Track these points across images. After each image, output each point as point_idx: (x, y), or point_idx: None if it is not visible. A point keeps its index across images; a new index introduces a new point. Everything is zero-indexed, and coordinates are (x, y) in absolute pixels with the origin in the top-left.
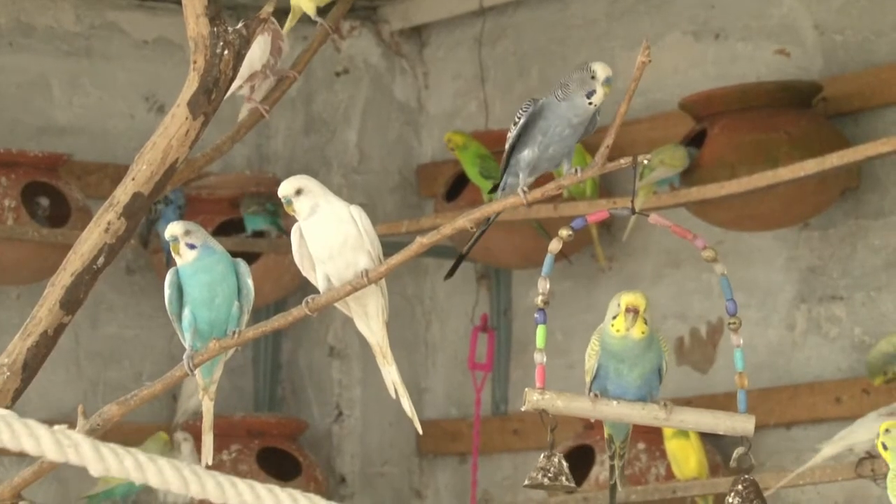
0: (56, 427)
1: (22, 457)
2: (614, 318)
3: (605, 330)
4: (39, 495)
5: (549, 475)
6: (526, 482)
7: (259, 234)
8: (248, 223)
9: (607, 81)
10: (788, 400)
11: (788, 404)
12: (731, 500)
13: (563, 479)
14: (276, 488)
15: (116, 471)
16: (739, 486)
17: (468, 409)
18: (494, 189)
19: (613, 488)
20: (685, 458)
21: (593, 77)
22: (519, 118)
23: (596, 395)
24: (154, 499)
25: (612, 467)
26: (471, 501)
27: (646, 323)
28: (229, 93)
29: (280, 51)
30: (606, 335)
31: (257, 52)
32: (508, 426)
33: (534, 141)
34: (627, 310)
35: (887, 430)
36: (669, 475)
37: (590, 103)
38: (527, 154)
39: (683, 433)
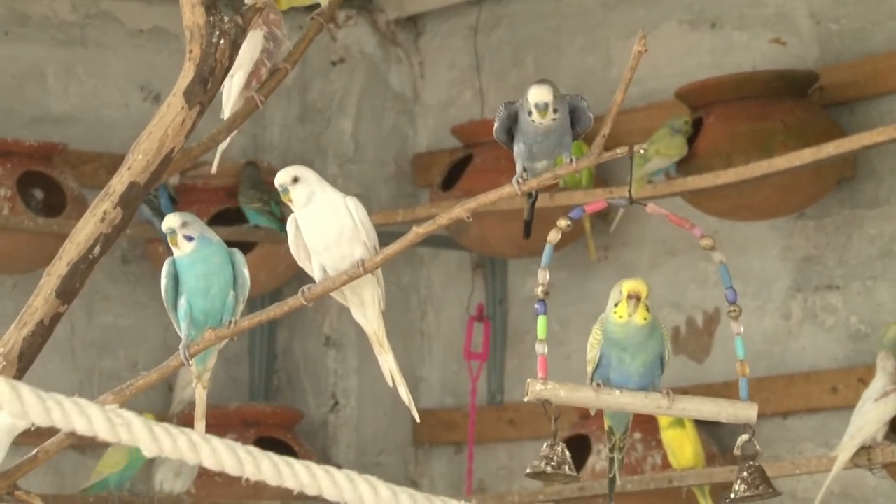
0: (107, 406)
1: (16, 446)
2: (616, 305)
3: (607, 318)
4: (35, 486)
5: (552, 464)
6: (528, 471)
7: (257, 224)
8: (251, 218)
9: (536, 107)
10: (784, 389)
11: (784, 394)
12: (737, 487)
13: (566, 468)
14: (333, 469)
15: (170, 451)
16: (745, 473)
17: (464, 398)
18: None
19: (612, 481)
20: (681, 447)
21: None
22: (496, 121)
23: (598, 385)
24: (149, 487)
25: (611, 460)
26: (466, 491)
27: (647, 309)
28: (238, 88)
29: (277, 32)
30: (609, 323)
31: (248, 45)
32: (504, 416)
33: (520, 137)
34: (629, 296)
35: None
36: (665, 465)
37: (532, 121)
38: (521, 147)
39: (679, 423)
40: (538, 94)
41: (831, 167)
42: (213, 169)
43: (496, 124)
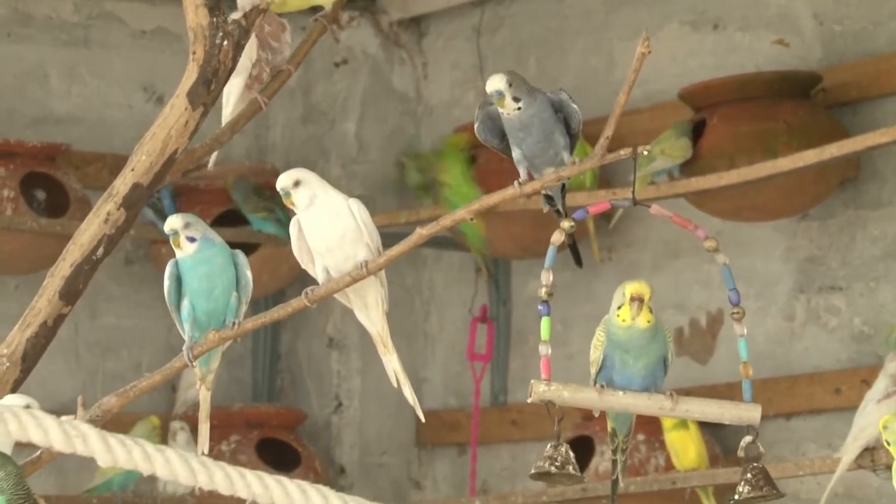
0: (64, 418)
1: (20, 447)
2: (619, 307)
3: (610, 320)
4: (38, 486)
5: (557, 464)
6: (532, 471)
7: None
8: (257, 225)
9: (491, 96)
10: (787, 390)
11: (787, 395)
12: (741, 488)
13: (570, 468)
14: (285, 479)
15: (124, 461)
16: (749, 475)
17: (467, 399)
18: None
19: (615, 483)
20: (684, 448)
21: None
22: (475, 121)
23: (602, 386)
24: (153, 489)
25: (614, 462)
26: (469, 492)
27: (651, 312)
28: (239, 90)
29: (273, 43)
30: (612, 325)
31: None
32: (507, 417)
33: (510, 139)
34: (633, 299)
35: (886, 426)
36: (669, 466)
37: (501, 113)
38: (516, 151)
39: (683, 424)
40: (491, 84)
41: (834, 168)
42: (210, 165)
43: (476, 124)
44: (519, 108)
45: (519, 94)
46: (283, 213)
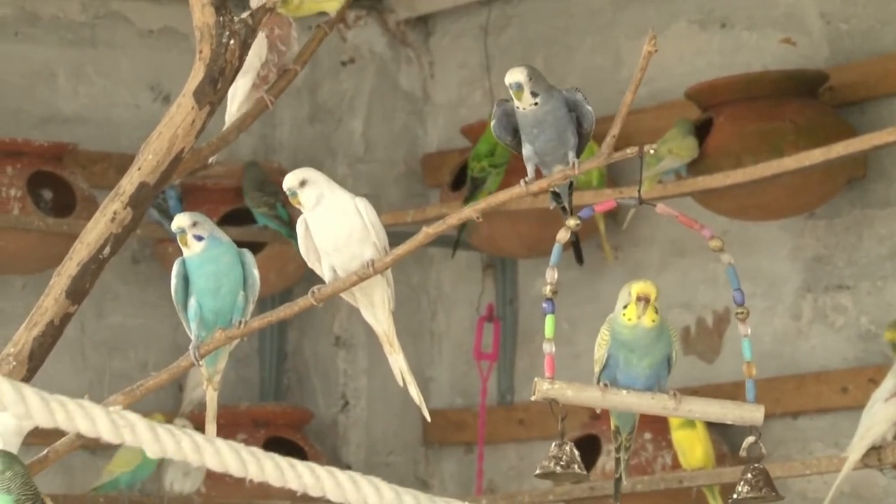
0: (112, 408)
1: (27, 446)
2: (625, 307)
3: (615, 319)
4: (45, 485)
5: (562, 463)
6: (538, 471)
7: (266, 226)
8: (260, 220)
9: (510, 87)
10: (794, 390)
11: (794, 394)
12: (740, 488)
13: (576, 467)
14: (336, 470)
15: (174, 452)
16: (749, 475)
17: (474, 398)
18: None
19: (618, 481)
20: (691, 448)
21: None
22: (492, 119)
23: (605, 385)
24: (160, 487)
25: (617, 460)
26: (476, 491)
27: (656, 312)
28: (244, 92)
29: (281, 46)
30: (617, 324)
31: (253, 51)
32: (514, 416)
33: (522, 136)
34: (638, 298)
35: None
36: (676, 465)
37: (517, 108)
38: (527, 148)
39: (690, 423)
40: (511, 75)
41: (841, 167)
42: (211, 160)
43: (493, 122)
44: (536, 104)
45: (538, 89)
46: (283, 209)
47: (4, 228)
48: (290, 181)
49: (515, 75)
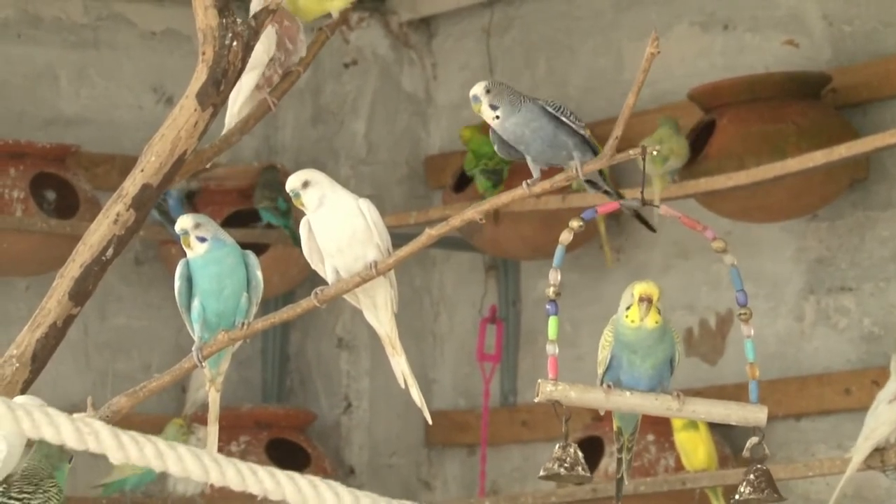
0: (76, 415)
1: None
2: (628, 308)
3: (618, 320)
4: None
5: (566, 465)
6: (542, 473)
7: (270, 226)
8: (263, 216)
9: (471, 100)
10: (797, 391)
11: (797, 396)
12: (742, 489)
13: (579, 468)
14: (296, 475)
15: (136, 459)
16: (752, 476)
17: (476, 400)
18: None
19: (620, 482)
20: (694, 449)
21: None
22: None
23: (609, 386)
24: (163, 489)
25: (619, 461)
26: (479, 493)
27: (659, 313)
28: (249, 89)
29: (289, 45)
30: (620, 326)
31: (262, 46)
32: (517, 417)
33: (516, 147)
34: (641, 299)
35: None
36: (679, 466)
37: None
38: (527, 156)
39: (693, 425)
40: (472, 89)
41: (844, 169)
42: (209, 164)
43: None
44: (497, 117)
45: (497, 102)
46: (283, 202)
47: (7, 230)
48: (292, 182)
49: (474, 88)
